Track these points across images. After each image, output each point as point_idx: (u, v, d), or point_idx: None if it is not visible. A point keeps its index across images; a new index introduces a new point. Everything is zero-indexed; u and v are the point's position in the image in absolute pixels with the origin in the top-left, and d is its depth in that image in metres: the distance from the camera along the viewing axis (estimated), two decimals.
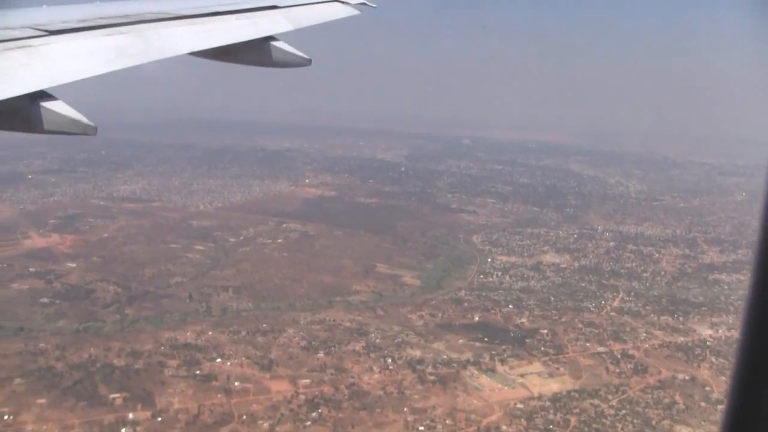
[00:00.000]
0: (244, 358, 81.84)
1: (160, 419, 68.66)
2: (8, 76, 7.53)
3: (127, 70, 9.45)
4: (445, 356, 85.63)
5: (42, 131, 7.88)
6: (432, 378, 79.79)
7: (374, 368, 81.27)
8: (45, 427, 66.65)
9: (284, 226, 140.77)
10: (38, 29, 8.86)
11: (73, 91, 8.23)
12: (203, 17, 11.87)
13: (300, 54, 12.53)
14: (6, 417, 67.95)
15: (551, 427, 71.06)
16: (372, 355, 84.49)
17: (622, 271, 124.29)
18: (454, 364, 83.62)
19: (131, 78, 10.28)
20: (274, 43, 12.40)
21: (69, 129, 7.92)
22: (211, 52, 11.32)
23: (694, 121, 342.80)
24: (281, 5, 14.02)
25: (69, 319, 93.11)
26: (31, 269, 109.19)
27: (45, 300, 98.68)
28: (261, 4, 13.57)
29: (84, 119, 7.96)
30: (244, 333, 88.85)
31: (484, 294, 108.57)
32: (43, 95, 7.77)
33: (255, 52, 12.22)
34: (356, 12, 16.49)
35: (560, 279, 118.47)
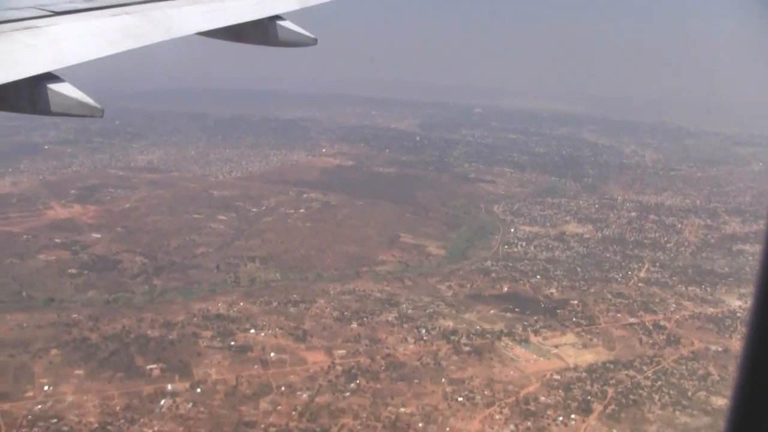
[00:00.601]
0: (277, 329, 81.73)
1: (199, 390, 68.66)
2: (14, 58, 7.53)
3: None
4: (478, 327, 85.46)
5: (49, 113, 7.87)
6: (467, 349, 79.69)
7: (409, 339, 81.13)
8: (85, 398, 66.73)
9: (305, 196, 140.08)
10: (44, 9, 8.89)
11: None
12: None
13: (306, 33, 12.46)
14: (46, 388, 68.08)
15: (589, 398, 70.99)
16: (405, 325, 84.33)
17: (645, 241, 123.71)
18: (488, 335, 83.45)
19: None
20: (281, 22, 12.31)
21: (76, 111, 7.92)
22: (218, 32, 11.29)
23: (703, 90, 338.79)
24: None
25: (98, 290, 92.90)
26: (56, 240, 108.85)
27: (73, 271, 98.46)
28: None
29: (91, 101, 7.97)
30: (275, 304, 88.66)
31: (510, 264, 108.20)
32: (49, 77, 7.76)
33: (261, 32, 12.17)
34: None
35: (584, 249, 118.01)
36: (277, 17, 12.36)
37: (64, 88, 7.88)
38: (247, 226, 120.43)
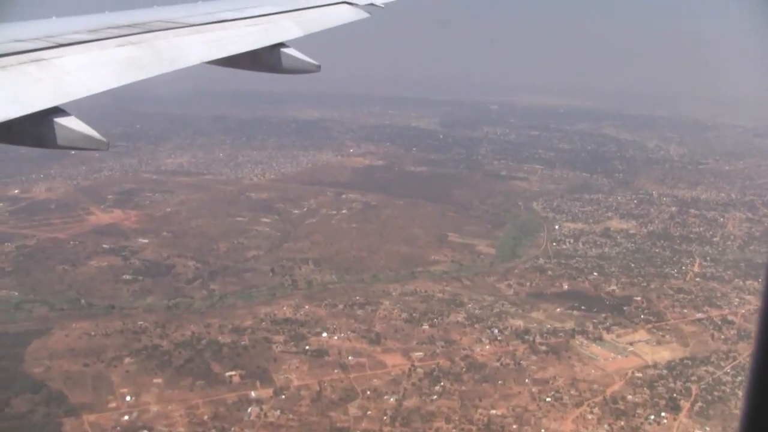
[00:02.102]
0: (349, 332, 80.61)
1: (283, 397, 67.56)
2: (22, 92, 7.52)
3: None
4: (548, 326, 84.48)
5: (55, 146, 7.84)
6: (543, 348, 78.71)
7: (483, 339, 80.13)
8: (170, 407, 65.65)
9: (344, 196, 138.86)
10: (49, 40, 8.89)
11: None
12: (212, 24, 11.86)
13: (310, 60, 12.48)
14: (128, 398, 66.96)
15: (675, 395, 70.03)
16: (476, 326, 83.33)
17: (691, 236, 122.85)
18: (561, 334, 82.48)
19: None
20: (284, 50, 12.32)
21: (82, 144, 7.96)
22: (222, 61, 11.23)
23: (713, 84, 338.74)
24: (289, 9, 13.97)
25: (156, 296, 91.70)
26: (104, 246, 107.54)
27: (127, 277, 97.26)
28: (269, 11, 13.52)
29: (96, 135, 8.00)
30: (341, 306, 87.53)
31: (563, 262, 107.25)
32: (56, 110, 7.72)
33: (265, 60, 12.19)
34: (365, 15, 16.14)
35: (632, 245, 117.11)
36: (281, 44, 12.32)
37: (71, 122, 7.86)
38: (292, 228, 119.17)
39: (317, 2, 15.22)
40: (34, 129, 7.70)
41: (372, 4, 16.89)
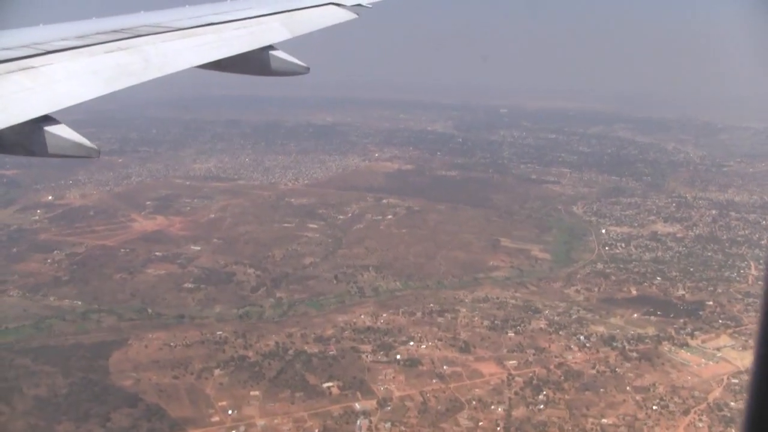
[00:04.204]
0: (436, 341, 79.23)
1: (389, 408, 65.86)
2: (12, 101, 7.46)
3: None
4: (631, 332, 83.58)
5: (45, 155, 7.82)
6: (634, 355, 77.78)
7: (571, 346, 79.06)
8: (276, 421, 63.96)
9: (384, 201, 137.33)
10: (37, 48, 8.81)
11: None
12: (201, 28, 11.76)
13: (299, 62, 12.43)
14: (230, 412, 65.14)
15: None
16: (561, 332, 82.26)
17: (738, 239, 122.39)
18: (647, 340, 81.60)
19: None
20: (273, 52, 12.28)
21: (72, 152, 7.95)
22: (212, 65, 11.19)
23: (718, 84, 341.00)
24: (277, 11, 13.89)
25: (224, 305, 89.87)
26: (156, 253, 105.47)
27: (189, 285, 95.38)
28: (257, 13, 13.42)
29: (87, 142, 8.00)
30: (419, 314, 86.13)
31: (621, 266, 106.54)
32: (46, 118, 7.69)
33: (254, 63, 12.14)
34: (353, 15, 16.06)
35: (684, 249, 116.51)
36: (270, 47, 12.25)
37: (61, 130, 7.81)
38: (342, 235, 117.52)
39: (305, 3, 15.07)
40: (25, 138, 7.63)
41: (359, 5, 16.72)
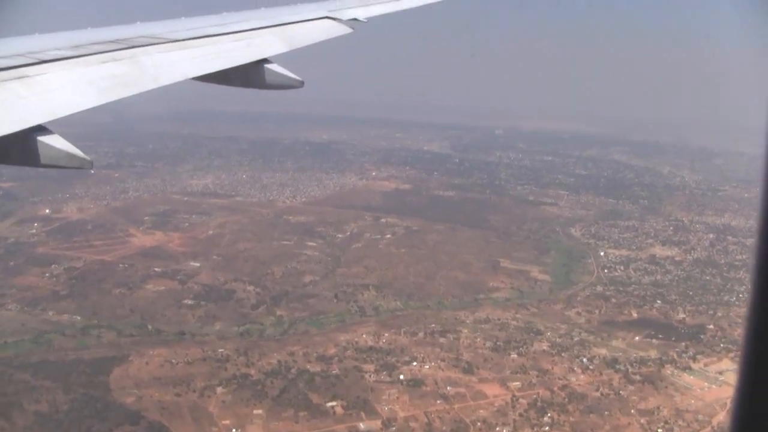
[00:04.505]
0: (439, 361, 78.97)
1: (393, 429, 65.55)
2: (6, 110, 7.48)
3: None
4: (633, 355, 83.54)
5: (38, 165, 7.78)
6: (637, 378, 77.72)
7: (575, 368, 78.93)
8: None
9: (383, 221, 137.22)
10: (32, 57, 8.80)
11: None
12: (197, 40, 11.79)
13: (293, 76, 12.42)
14: (234, 431, 64.29)
15: None
16: (563, 354, 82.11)
17: (736, 263, 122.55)
18: (650, 363, 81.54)
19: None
20: (268, 65, 12.30)
21: (65, 163, 7.82)
22: (207, 77, 11.23)
23: (710, 109, 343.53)
24: (273, 24, 13.97)
25: (224, 322, 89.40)
26: (156, 269, 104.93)
27: (189, 302, 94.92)
28: (253, 26, 13.51)
29: (80, 153, 7.89)
30: (421, 334, 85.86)
31: (621, 289, 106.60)
32: (39, 128, 7.69)
33: (249, 76, 12.16)
34: (349, 30, 16.11)
35: (683, 273, 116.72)
36: (265, 60, 12.28)
37: (54, 141, 7.79)
38: (340, 253, 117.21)
39: (300, 17, 15.19)
40: (18, 147, 7.61)
41: (355, 19, 16.73)
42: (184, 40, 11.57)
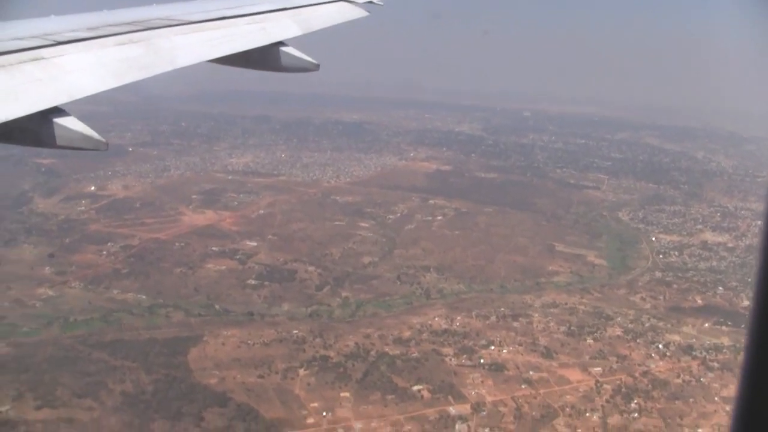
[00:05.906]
0: (517, 345, 78.43)
1: (484, 413, 64.94)
2: (23, 92, 7.46)
3: None
4: (707, 341, 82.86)
5: (54, 146, 7.79)
6: (715, 365, 77.04)
7: (652, 355, 78.47)
8: (373, 424, 63.09)
9: (431, 202, 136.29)
10: (48, 39, 8.73)
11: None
12: (212, 22, 11.70)
13: (308, 59, 12.35)
14: (324, 413, 64.03)
15: None
16: (638, 340, 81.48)
17: None
18: (725, 350, 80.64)
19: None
20: (284, 48, 12.23)
21: (81, 144, 7.84)
22: (223, 59, 11.17)
23: (734, 96, 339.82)
24: (287, 6, 13.79)
25: (291, 303, 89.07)
26: (213, 248, 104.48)
27: (252, 282, 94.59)
28: (268, 8, 13.33)
29: (95, 135, 7.89)
30: (493, 318, 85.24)
31: (680, 275, 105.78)
32: (55, 110, 7.67)
33: (265, 58, 12.09)
34: (365, 13, 16.07)
35: (737, 259, 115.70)
36: (280, 43, 12.20)
37: (70, 122, 7.77)
38: (395, 234, 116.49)
39: (316, 0, 15.03)
40: (34, 129, 7.62)
41: (371, 2, 16.60)
42: (199, 22, 11.52)
